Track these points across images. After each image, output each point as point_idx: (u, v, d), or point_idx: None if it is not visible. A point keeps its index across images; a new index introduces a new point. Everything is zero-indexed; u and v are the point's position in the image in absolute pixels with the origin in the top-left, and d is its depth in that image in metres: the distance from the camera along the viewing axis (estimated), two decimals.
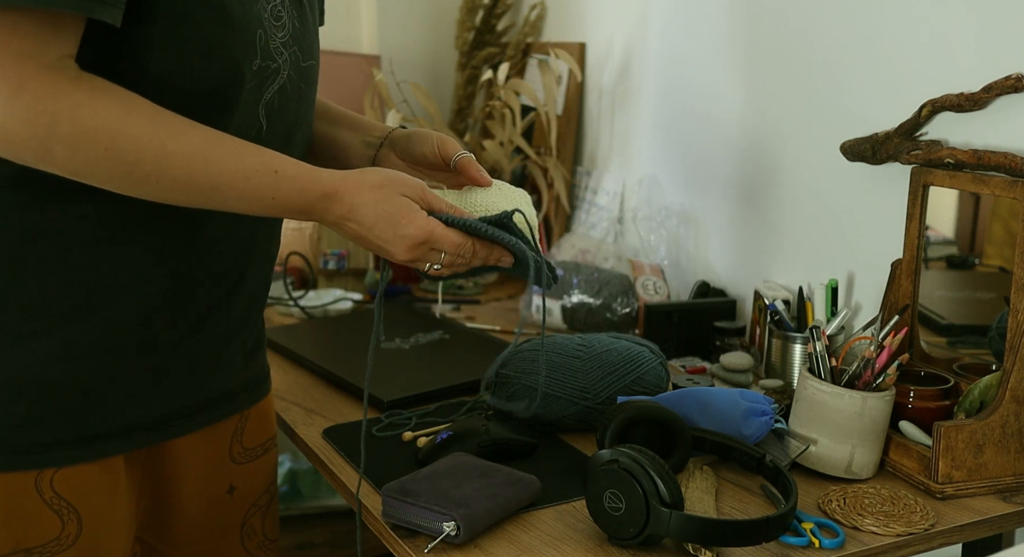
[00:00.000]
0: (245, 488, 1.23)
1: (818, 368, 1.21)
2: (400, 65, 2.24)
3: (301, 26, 1.08)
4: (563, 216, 2.09)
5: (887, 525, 1.06)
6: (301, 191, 0.97)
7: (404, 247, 1.00)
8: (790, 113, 1.56)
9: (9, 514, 1.00)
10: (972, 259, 1.32)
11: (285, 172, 0.97)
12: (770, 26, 1.58)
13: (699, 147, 1.77)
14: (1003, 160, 1.20)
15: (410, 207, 1.00)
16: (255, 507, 1.25)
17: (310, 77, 1.12)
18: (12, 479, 0.99)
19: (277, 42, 1.03)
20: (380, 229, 1.00)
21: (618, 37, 1.97)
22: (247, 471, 1.23)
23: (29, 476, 1.00)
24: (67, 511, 1.02)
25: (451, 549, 1.01)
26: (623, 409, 1.17)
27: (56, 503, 1.02)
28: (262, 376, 1.24)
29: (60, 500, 1.02)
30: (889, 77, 1.39)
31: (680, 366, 1.56)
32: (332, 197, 0.99)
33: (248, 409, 1.21)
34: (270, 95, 1.03)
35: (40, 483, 1.00)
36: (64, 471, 1.01)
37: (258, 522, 1.26)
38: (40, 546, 1.02)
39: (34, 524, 1.01)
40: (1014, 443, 1.15)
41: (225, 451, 1.20)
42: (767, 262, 1.64)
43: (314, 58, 1.12)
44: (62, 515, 1.02)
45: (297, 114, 1.10)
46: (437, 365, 1.55)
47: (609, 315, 1.72)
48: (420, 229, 1.00)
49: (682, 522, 0.97)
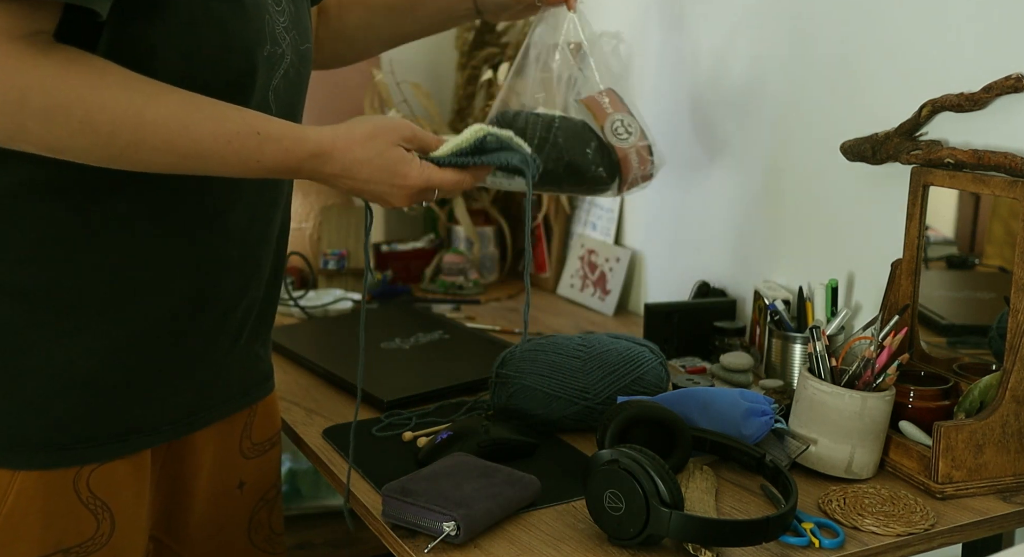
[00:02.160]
0: (254, 483, 1.24)
1: (818, 368, 1.21)
2: (400, 65, 2.23)
3: (297, 9, 1.09)
4: (563, 216, 2.09)
5: (887, 525, 1.06)
6: (286, 152, 0.96)
7: (403, 196, 1.01)
8: (790, 112, 1.56)
9: (50, 514, 1.00)
10: (972, 259, 1.32)
11: (268, 133, 0.95)
12: (770, 26, 1.58)
13: (699, 147, 1.77)
14: (1003, 160, 1.20)
15: (403, 158, 1.00)
16: (263, 502, 1.26)
17: (308, 59, 1.13)
18: (52, 477, 1.00)
19: (280, 27, 1.04)
20: (376, 184, 1.00)
21: None
22: (256, 466, 1.24)
23: (68, 475, 1.00)
24: (102, 510, 1.03)
25: (451, 549, 1.01)
26: (623, 409, 1.17)
27: (92, 502, 1.02)
28: (269, 371, 1.26)
29: (96, 499, 1.03)
30: (889, 77, 1.39)
31: (680, 366, 1.56)
32: (320, 156, 0.98)
33: (257, 403, 1.22)
34: (277, 80, 1.04)
35: (78, 482, 1.01)
36: (99, 470, 1.02)
37: (265, 516, 1.27)
38: (77, 546, 1.02)
39: (73, 523, 1.02)
40: (1014, 443, 1.15)
41: (236, 446, 1.21)
42: (767, 262, 1.64)
43: (309, 41, 1.13)
44: (97, 514, 1.03)
45: (298, 96, 1.11)
46: (437, 365, 1.55)
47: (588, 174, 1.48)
48: (417, 178, 1.01)
49: (682, 522, 0.97)
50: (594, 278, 1.98)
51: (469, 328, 1.75)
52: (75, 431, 1.00)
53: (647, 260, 1.93)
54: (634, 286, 1.96)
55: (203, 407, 1.12)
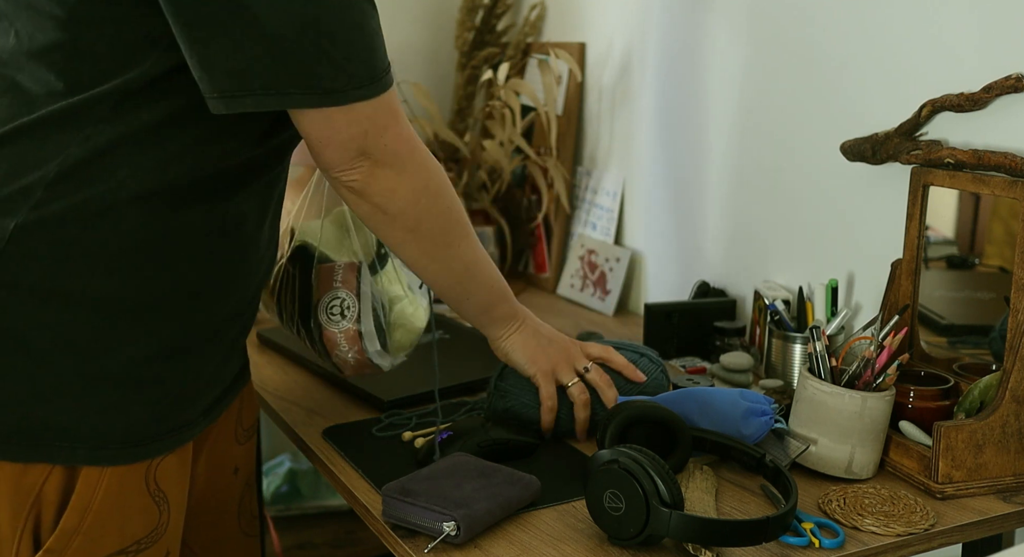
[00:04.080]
0: (245, 468, 1.28)
1: (818, 368, 1.21)
2: (400, 65, 2.23)
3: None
4: (563, 216, 2.09)
5: (887, 525, 1.06)
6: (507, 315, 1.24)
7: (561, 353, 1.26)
8: (790, 113, 1.56)
9: (128, 508, 1.04)
10: (972, 259, 1.32)
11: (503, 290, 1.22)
12: (770, 26, 1.58)
13: (699, 147, 1.77)
14: (1003, 160, 1.20)
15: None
16: (247, 486, 1.30)
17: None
18: (130, 473, 1.03)
19: None
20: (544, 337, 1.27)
21: (618, 37, 1.96)
22: (245, 451, 1.28)
23: (141, 469, 1.04)
24: (163, 502, 1.07)
25: (451, 549, 1.01)
26: (623, 409, 1.17)
27: (157, 495, 1.06)
28: (247, 358, 1.30)
29: (160, 492, 1.07)
30: (889, 77, 1.39)
31: (680, 366, 1.56)
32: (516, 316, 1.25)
33: (243, 388, 1.25)
34: None
35: (148, 476, 1.05)
36: (163, 463, 1.06)
37: (248, 500, 1.31)
38: (147, 536, 1.06)
39: (144, 516, 1.06)
40: (1014, 443, 1.15)
41: (231, 433, 1.24)
42: (767, 262, 1.64)
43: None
44: (160, 506, 1.07)
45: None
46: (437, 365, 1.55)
47: None
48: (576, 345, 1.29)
49: (682, 522, 0.97)
50: (594, 278, 1.98)
51: (469, 328, 1.75)
52: (147, 428, 1.04)
53: (647, 260, 1.93)
54: (634, 286, 1.96)
55: (222, 398, 1.16)
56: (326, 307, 1.26)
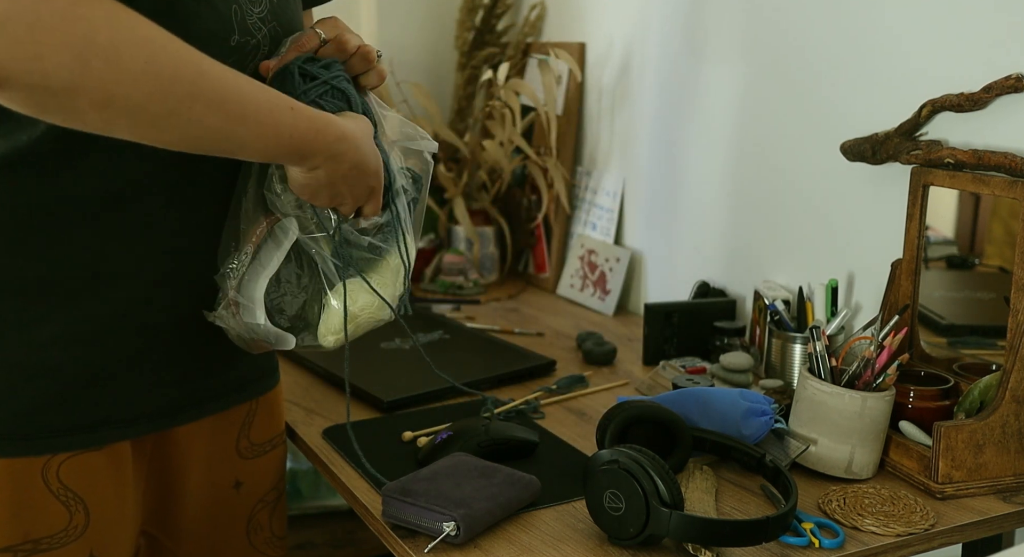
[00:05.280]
0: (252, 484, 1.23)
1: (818, 368, 1.21)
2: (400, 65, 2.24)
3: (280, 1, 1.06)
4: (563, 216, 2.09)
5: (887, 525, 1.06)
6: (318, 132, 0.93)
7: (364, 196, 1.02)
8: (790, 113, 1.56)
9: (17, 504, 1.00)
10: (972, 259, 1.32)
11: (300, 110, 0.93)
12: (770, 26, 1.58)
13: (699, 147, 1.77)
14: (1003, 160, 1.20)
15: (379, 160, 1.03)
16: (262, 503, 1.25)
17: None
18: (18, 466, 0.99)
19: (254, 17, 1.01)
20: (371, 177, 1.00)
21: (618, 37, 1.97)
22: (254, 467, 1.23)
23: (36, 464, 1.00)
24: (74, 502, 1.02)
25: (451, 549, 1.01)
26: (623, 409, 1.17)
27: (63, 494, 1.02)
28: (271, 367, 1.24)
29: (67, 491, 1.02)
30: (889, 77, 1.39)
31: (680, 366, 1.56)
32: (345, 141, 0.95)
33: (256, 400, 1.21)
34: (251, 71, 1.02)
35: (47, 473, 1.00)
36: (70, 461, 1.01)
37: (265, 518, 1.25)
38: (48, 537, 1.02)
39: (42, 515, 1.01)
40: (1014, 443, 1.15)
41: (232, 445, 1.19)
42: (767, 262, 1.64)
43: (296, 32, 1.10)
44: (69, 506, 1.02)
45: None
46: (437, 365, 1.55)
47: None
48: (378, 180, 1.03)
49: (682, 522, 0.97)
50: (594, 278, 1.98)
51: (469, 328, 1.75)
52: (40, 421, 0.99)
53: (647, 260, 1.93)
54: (634, 286, 1.96)
55: (190, 403, 1.11)
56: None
